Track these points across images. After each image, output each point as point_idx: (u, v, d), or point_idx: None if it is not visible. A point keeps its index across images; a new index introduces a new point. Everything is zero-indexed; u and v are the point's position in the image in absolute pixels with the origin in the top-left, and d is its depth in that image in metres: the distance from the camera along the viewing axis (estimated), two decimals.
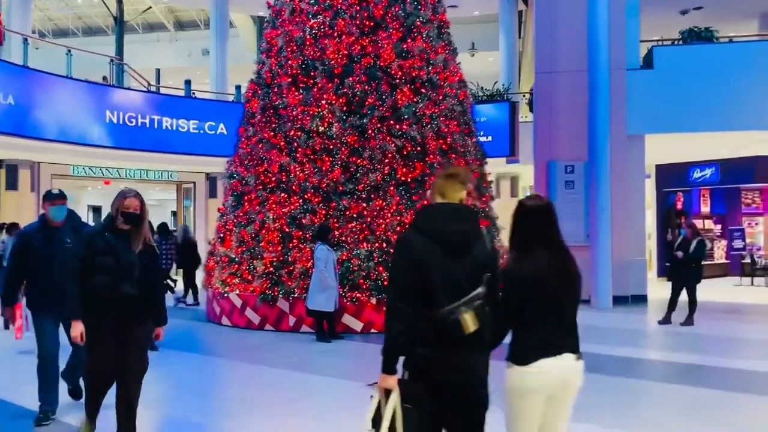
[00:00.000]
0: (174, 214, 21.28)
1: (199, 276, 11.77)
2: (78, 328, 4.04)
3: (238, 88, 17.87)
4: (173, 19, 26.47)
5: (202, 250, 12.80)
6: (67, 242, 4.72)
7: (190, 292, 12.65)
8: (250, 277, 9.41)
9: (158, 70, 22.69)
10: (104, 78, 16.54)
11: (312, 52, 9.67)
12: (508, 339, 2.83)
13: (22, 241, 4.83)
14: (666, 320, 10.25)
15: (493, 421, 2.85)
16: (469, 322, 2.56)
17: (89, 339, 4.04)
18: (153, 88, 18.27)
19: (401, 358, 2.66)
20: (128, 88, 16.44)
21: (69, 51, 14.92)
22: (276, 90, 9.92)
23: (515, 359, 2.75)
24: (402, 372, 2.68)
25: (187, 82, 17.40)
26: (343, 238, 9.05)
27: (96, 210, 23.61)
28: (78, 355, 4.94)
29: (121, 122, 14.84)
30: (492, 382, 2.75)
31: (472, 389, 2.68)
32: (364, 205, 9.10)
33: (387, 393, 2.59)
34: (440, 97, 9.79)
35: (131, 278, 3.95)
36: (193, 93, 17.64)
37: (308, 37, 9.75)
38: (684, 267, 10.30)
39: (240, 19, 23.65)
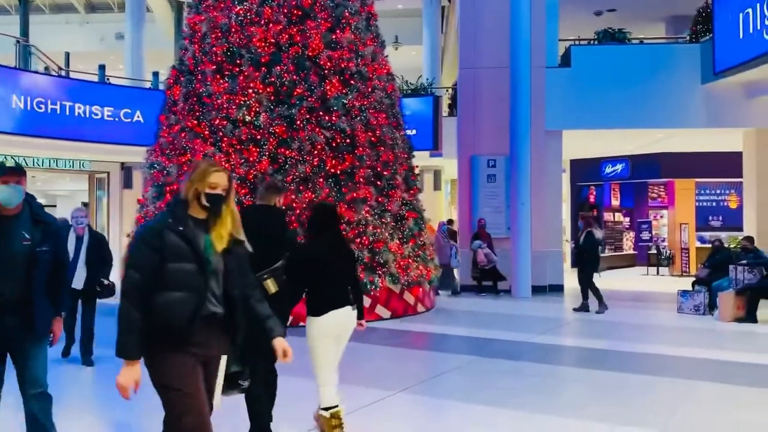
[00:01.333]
0: (86, 205, 20.30)
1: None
2: (132, 374, 2.66)
3: (155, 74, 17.18)
4: (84, 0, 25.11)
5: (118, 243, 12.26)
6: (26, 237, 3.34)
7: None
8: None
9: (68, 54, 21.45)
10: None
11: (238, 40, 9.44)
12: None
13: None
14: (582, 308, 10.77)
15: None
16: (271, 286, 3.69)
17: (175, 392, 2.70)
18: (63, 73, 17.30)
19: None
20: (37, 72, 15.50)
21: None
22: (200, 77, 9.62)
23: (313, 313, 3.96)
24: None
25: (101, 67, 16.55)
26: None
27: None
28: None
29: (28, 108, 13.94)
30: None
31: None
32: (293, 197, 9.00)
33: None
34: (369, 90, 9.80)
35: (216, 292, 2.83)
36: (108, 78, 16.83)
37: (234, 23, 9.51)
38: (580, 257, 10.98)
39: (157, 2, 22.75)
